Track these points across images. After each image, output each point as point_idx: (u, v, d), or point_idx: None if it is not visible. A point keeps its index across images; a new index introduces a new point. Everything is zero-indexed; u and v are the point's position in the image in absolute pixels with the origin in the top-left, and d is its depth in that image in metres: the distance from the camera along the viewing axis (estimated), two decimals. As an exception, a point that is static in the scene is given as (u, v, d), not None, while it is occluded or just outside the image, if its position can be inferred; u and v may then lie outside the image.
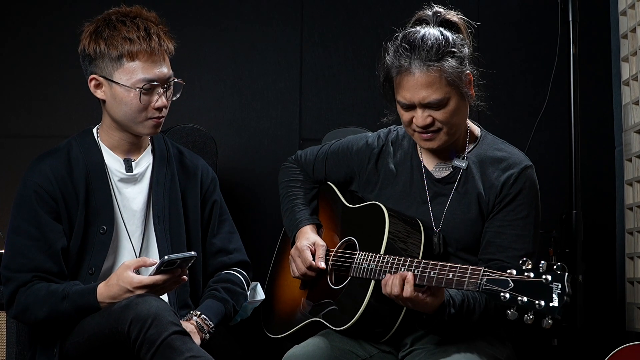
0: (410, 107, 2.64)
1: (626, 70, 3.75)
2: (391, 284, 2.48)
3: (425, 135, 2.66)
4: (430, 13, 2.70)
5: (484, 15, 3.96)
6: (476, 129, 2.82)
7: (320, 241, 2.87)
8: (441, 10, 2.71)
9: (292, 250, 2.89)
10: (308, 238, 2.88)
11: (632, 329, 3.58)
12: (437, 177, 2.77)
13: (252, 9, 4.11)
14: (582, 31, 2.95)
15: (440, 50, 2.59)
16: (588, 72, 3.70)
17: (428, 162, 2.81)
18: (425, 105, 2.61)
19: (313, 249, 2.84)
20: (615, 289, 3.79)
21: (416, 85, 2.59)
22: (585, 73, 3.16)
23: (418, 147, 2.84)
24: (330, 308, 2.75)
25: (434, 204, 2.76)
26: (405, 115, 2.67)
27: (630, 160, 3.67)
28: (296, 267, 2.86)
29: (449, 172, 2.77)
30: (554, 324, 2.22)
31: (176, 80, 2.83)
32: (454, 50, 2.61)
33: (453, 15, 2.70)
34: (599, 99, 3.95)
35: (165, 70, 2.77)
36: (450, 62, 2.59)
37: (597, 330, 3.73)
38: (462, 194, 2.73)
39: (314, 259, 2.82)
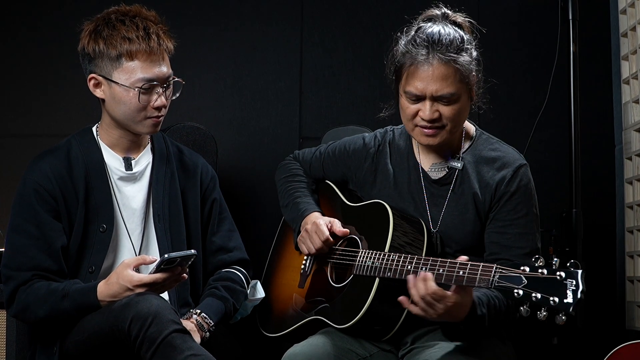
0: (419, 98, 2.63)
1: (626, 69, 3.75)
2: (416, 287, 2.44)
3: (428, 130, 2.66)
4: (439, 13, 2.70)
5: (484, 15, 3.96)
6: (471, 128, 2.82)
7: (334, 219, 2.85)
8: (449, 12, 2.71)
9: (309, 227, 2.86)
10: (323, 217, 2.87)
11: (632, 328, 3.58)
12: (433, 178, 2.77)
13: (252, 8, 4.11)
14: (582, 30, 2.96)
15: (458, 47, 2.60)
16: (588, 71, 3.70)
17: (424, 163, 2.81)
18: (436, 99, 2.61)
19: (329, 225, 2.83)
20: (615, 287, 3.79)
21: (432, 77, 2.59)
22: (585, 72, 3.16)
23: (415, 147, 2.84)
24: (331, 306, 2.75)
25: (431, 205, 2.76)
26: (410, 109, 2.66)
27: (630, 158, 3.67)
28: (312, 242, 2.83)
29: (445, 172, 2.77)
30: (566, 321, 2.21)
31: (176, 79, 2.82)
32: (469, 47, 2.63)
33: (459, 17, 2.70)
34: (599, 97, 3.95)
35: (164, 69, 2.77)
36: (466, 59, 2.61)
37: (597, 328, 3.73)
38: (459, 194, 2.74)
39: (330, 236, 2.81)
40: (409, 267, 2.52)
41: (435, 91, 2.60)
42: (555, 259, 2.26)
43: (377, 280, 2.61)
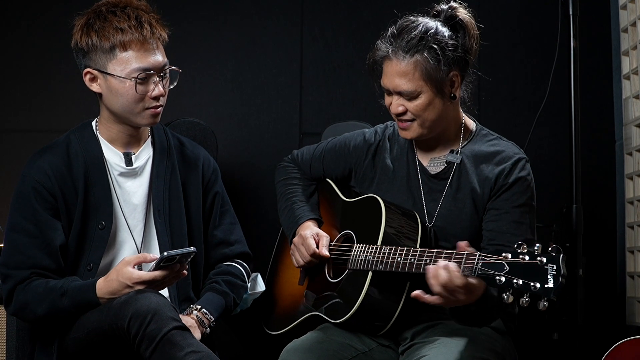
0: (389, 92, 2.69)
1: (626, 64, 3.75)
2: (437, 276, 2.40)
3: (400, 123, 2.71)
4: (445, 7, 2.69)
5: (485, 9, 3.95)
6: (471, 124, 2.83)
7: (323, 232, 2.87)
8: (456, 5, 2.69)
9: (296, 239, 2.88)
10: (311, 229, 2.88)
11: (633, 323, 3.58)
12: (431, 172, 2.78)
13: (253, 3, 4.11)
14: (582, 25, 2.95)
15: (421, 43, 2.59)
16: (588, 66, 3.70)
17: (423, 158, 2.81)
18: (398, 94, 2.65)
19: (317, 239, 2.84)
20: (615, 283, 3.79)
21: (392, 73, 2.64)
22: (585, 67, 3.16)
23: (414, 142, 2.84)
24: (328, 302, 2.76)
25: (429, 200, 2.76)
26: (386, 100, 2.73)
27: (630, 154, 3.67)
28: (300, 255, 2.86)
29: (443, 167, 2.77)
30: (553, 313, 2.22)
31: (172, 67, 2.79)
32: (436, 46, 2.60)
33: (462, 13, 2.67)
34: (599, 93, 3.95)
35: (159, 58, 2.74)
36: (428, 57, 2.59)
37: (597, 324, 3.74)
38: (456, 189, 2.74)
39: (317, 248, 2.82)
40: (399, 259, 2.54)
41: (395, 87, 2.65)
42: (537, 245, 2.27)
43: (370, 273, 2.62)
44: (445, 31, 2.63)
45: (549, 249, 2.25)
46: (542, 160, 3.82)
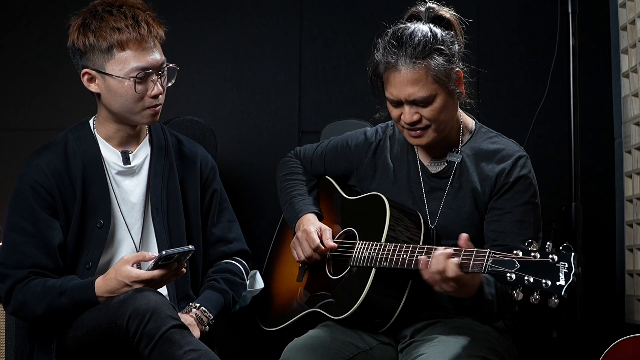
0: (398, 103, 2.66)
1: (625, 63, 3.75)
2: (435, 262, 2.41)
3: (414, 132, 2.68)
4: (423, 9, 2.71)
5: (484, 8, 3.95)
6: (470, 122, 2.83)
7: (325, 226, 2.87)
8: (434, 6, 2.71)
9: (299, 234, 2.88)
10: (314, 224, 2.88)
11: (632, 321, 3.58)
12: (432, 172, 2.78)
13: (252, 2, 4.10)
14: (581, 23, 2.96)
15: (427, 47, 2.59)
16: (587, 65, 3.70)
17: (424, 157, 2.82)
18: (412, 102, 2.63)
19: (320, 233, 2.84)
20: (614, 281, 3.79)
21: (402, 82, 2.60)
22: (584, 65, 3.16)
23: (415, 142, 2.85)
24: (328, 298, 2.76)
25: (430, 199, 2.77)
26: (394, 112, 2.69)
27: (629, 152, 3.67)
28: (302, 250, 2.85)
29: (443, 166, 2.77)
30: (558, 308, 2.21)
31: (170, 65, 2.79)
32: (442, 47, 2.61)
33: (446, 12, 2.70)
34: (598, 91, 3.95)
35: (157, 56, 2.74)
36: (437, 60, 2.59)
37: (596, 322, 3.73)
38: (457, 188, 2.74)
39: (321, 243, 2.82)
40: (405, 255, 2.54)
41: (408, 96, 2.61)
42: (548, 243, 2.26)
43: (373, 270, 2.62)
44: (439, 32, 2.63)
45: (561, 247, 2.25)
46: (541, 158, 3.82)
